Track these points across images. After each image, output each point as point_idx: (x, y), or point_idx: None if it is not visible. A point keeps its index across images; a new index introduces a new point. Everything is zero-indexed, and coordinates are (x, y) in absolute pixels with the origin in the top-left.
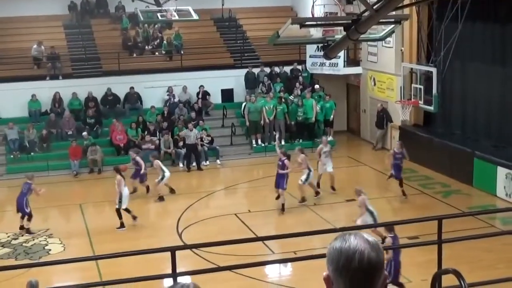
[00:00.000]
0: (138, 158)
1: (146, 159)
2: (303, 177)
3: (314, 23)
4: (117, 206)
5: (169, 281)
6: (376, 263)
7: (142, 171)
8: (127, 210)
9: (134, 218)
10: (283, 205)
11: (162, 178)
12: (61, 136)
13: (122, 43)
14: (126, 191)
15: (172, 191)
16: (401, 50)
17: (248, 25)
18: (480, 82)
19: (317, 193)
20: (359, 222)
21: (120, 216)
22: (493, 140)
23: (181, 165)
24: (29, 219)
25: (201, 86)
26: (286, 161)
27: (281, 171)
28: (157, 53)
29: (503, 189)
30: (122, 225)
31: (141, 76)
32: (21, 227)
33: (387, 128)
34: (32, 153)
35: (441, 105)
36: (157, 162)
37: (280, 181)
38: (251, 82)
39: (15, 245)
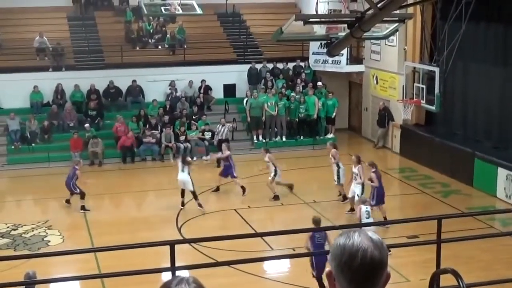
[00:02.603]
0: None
1: (148, 152)
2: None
3: (318, 20)
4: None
5: (167, 275)
6: (379, 261)
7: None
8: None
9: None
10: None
11: (275, 175)
12: (62, 127)
13: (125, 36)
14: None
15: (290, 187)
16: (404, 49)
17: (252, 21)
18: (482, 83)
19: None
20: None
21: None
22: (494, 141)
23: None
24: (82, 197)
25: (203, 80)
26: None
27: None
28: (160, 47)
29: (503, 190)
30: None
31: (144, 70)
32: (82, 207)
33: (388, 126)
34: (33, 144)
35: (443, 105)
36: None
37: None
38: (253, 78)
39: (14, 235)
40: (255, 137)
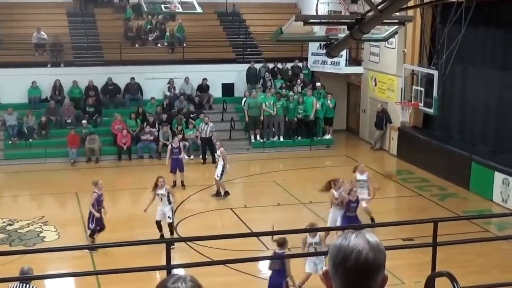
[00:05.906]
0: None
1: (145, 150)
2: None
3: (318, 21)
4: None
5: (163, 273)
6: (373, 263)
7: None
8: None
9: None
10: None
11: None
12: (60, 123)
13: (124, 33)
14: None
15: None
16: (403, 51)
17: (251, 20)
18: (480, 87)
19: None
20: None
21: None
22: (491, 145)
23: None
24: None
25: (204, 79)
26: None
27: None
28: (159, 45)
29: (499, 194)
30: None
31: (142, 67)
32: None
33: (386, 129)
34: (30, 140)
35: (441, 108)
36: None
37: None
38: (252, 78)
39: (9, 231)
40: (252, 137)
